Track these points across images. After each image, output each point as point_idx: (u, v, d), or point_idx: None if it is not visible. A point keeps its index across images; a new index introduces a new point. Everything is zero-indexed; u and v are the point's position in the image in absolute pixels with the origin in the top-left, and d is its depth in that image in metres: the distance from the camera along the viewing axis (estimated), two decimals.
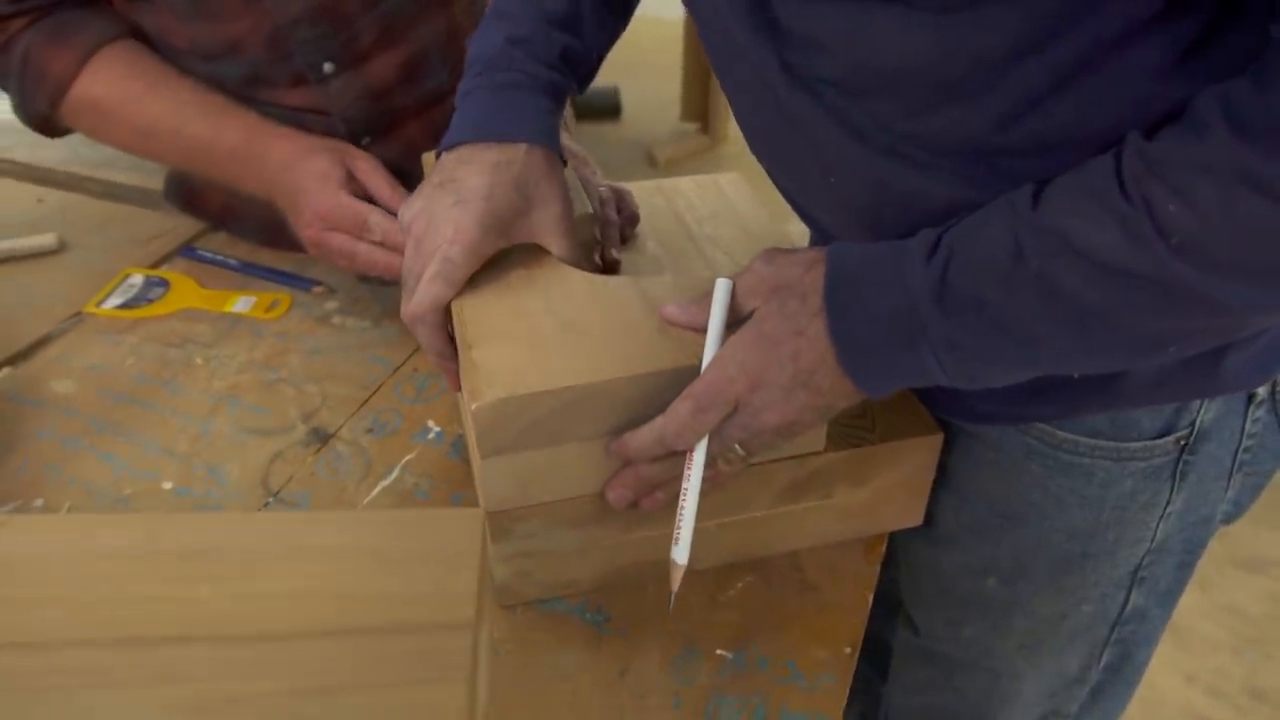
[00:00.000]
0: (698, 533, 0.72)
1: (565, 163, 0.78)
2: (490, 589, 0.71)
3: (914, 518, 0.80)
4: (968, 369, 0.58)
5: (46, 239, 1.15)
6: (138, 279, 1.09)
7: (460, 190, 0.70)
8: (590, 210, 0.81)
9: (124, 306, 1.05)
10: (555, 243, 0.73)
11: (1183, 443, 0.72)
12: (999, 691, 0.91)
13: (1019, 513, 0.77)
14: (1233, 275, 0.50)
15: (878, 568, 0.77)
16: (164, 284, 1.09)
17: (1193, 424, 0.71)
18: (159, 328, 1.02)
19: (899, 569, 0.93)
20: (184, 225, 1.18)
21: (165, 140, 0.99)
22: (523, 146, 0.72)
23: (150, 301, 1.06)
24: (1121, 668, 0.88)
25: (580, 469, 0.67)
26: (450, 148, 0.74)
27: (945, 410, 0.76)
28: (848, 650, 0.71)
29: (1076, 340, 0.55)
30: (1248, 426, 0.73)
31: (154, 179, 1.33)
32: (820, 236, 0.77)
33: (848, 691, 0.69)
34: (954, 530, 0.83)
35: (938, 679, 0.96)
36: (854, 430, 0.74)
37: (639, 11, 0.89)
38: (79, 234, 1.17)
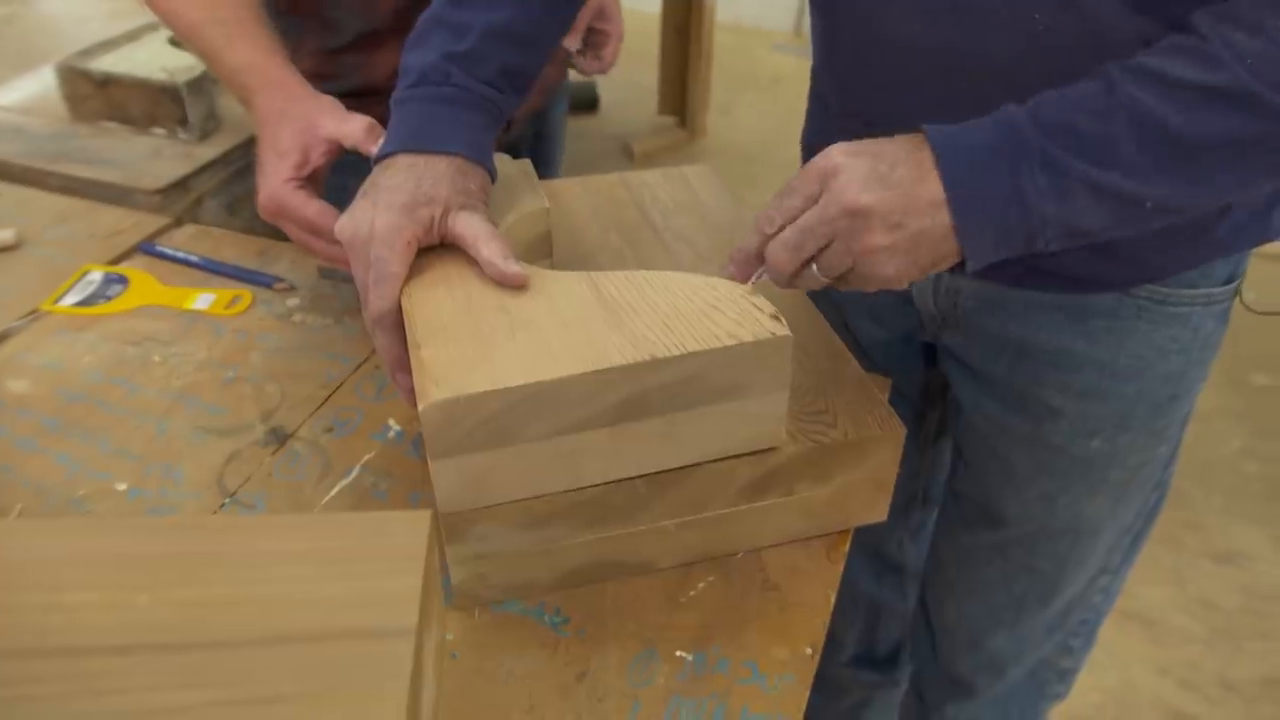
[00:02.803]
0: (655, 532, 0.72)
1: (494, 178, 0.79)
2: (446, 591, 0.71)
3: (879, 513, 0.80)
4: (1061, 195, 0.62)
5: (4, 235, 1.12)
6: (96, 276, 1.08)
7: (378, 194, 0.73)
8: (545, 206, 0.80)
9: (82, 304, 1.04)
10: (480, 248, 0.72)
11: (1236, 288, 0.83)
12: (1074, 555, 0.97)
13: (1126, 368, 0.84)
14: None
15: (840, 566, 0.77)
16: (123, 281, 1.07)
17: (1243, 272, 0.82)
18: (117, 325, 1.01)
19: (977, 471, 0.98)
20: (144, 221, 1.17)
21: (181, 30, 0.98)
22: (445, 156, 0.74)
23: (109, 299, 1.04)
24: (1154, 513, 0.97)
25: (534, 469, 0.66)
26: (379, 159, 0.76)
27: (1070, 283, 0.81)
28: (809, 651, 0.70)
29: (1159, 164, 0.61)
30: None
31: (113, 173, 1.31)
32: None
33: (809, 692, 0.68)
34: (1059, 405, 0.87)
35: (1010, 567, 1.01)
36: (815, 426, 0.74)
37: None
38: (37, 229, 1.15)
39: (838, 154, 0.66)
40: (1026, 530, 0.97)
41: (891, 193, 0.63)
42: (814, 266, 0.67)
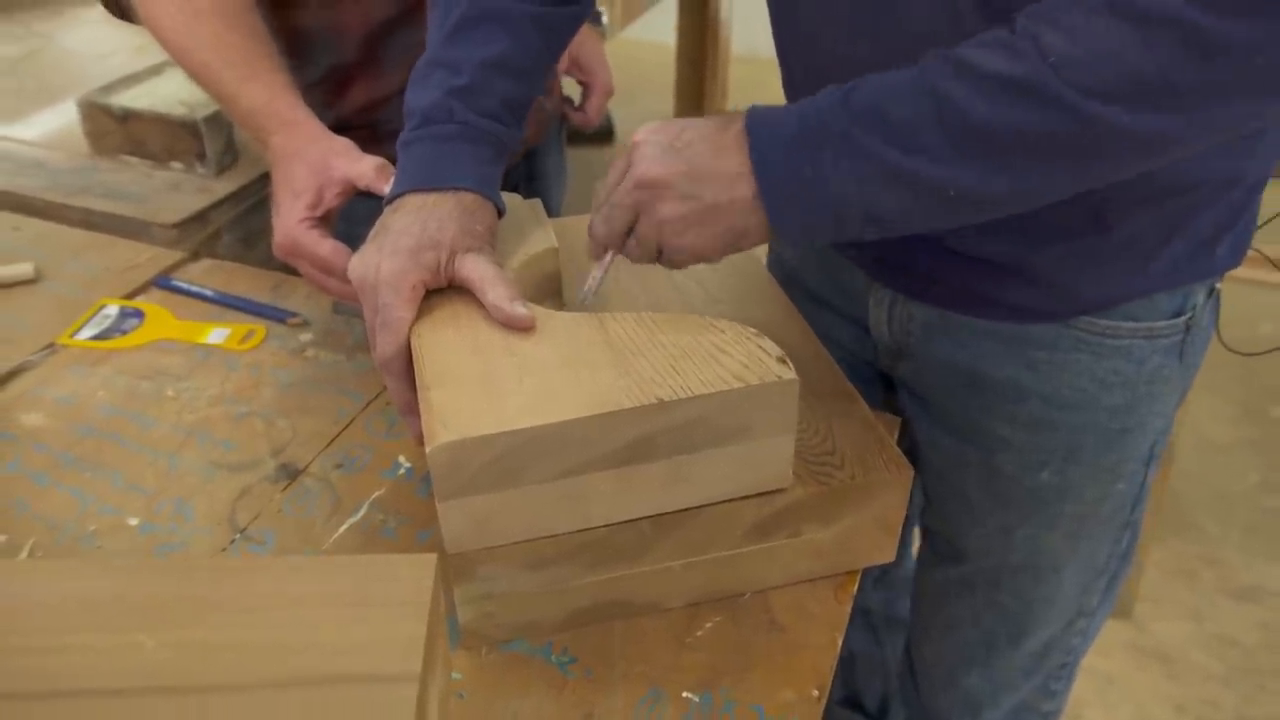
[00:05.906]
0: (662, 573, 0.72)
1: (502, 214, 0.79)
2: (453, 631, 0.71)
3: (886, 554, 0.79)
4: (861, 180, 0.63)
5: (23, 268, 1.14)
6: (112, 310, 1.09)
7: (386, 236, 0.73)
8: (554, 245, 0.80)
9: (98, 338, 1.05)
10: (486, 291, 0.72)
11: (1188, 324, 0.82)
12: (1040, 593, 0.97)
13: (1070, 400, 0.84)
14: (1099, 94, 0.57)
15: (849, 608, 0.76)
16: (139, 315, 1.08)
17: (1195, 307, 0.82)
18: (132, 360, 1.02)
19: (939, 505, 0.99)
20: (160, 255, 1.18)
21: (193, 69, 1.01)
22: (453, 193, 0.75)
23: (124, 333, 1.05)
24: (1129, 553, 0.97)
25: (540, 511, 0.66)
26: (389, 201, 0.77)
27: (1008, 311, 0.82)
28: (815, 693, 0.70)
29: (960, 152, 0.61)
30: (1204, 320, 0.84)
31: (132, 207, 1.32)
32: None
33: None
34: (1007, 435, 0.87)
35: (977, 604, 1.01)
36: (822, 468, 0.73)
37: (633, 35, 0.90)
38: (55, 263, 1.17)
39: (642, 131, 0.70)
40: (989, 564, 0.97)
41: (684, 164, 0.67)
42: (632, 239, 0.71)
